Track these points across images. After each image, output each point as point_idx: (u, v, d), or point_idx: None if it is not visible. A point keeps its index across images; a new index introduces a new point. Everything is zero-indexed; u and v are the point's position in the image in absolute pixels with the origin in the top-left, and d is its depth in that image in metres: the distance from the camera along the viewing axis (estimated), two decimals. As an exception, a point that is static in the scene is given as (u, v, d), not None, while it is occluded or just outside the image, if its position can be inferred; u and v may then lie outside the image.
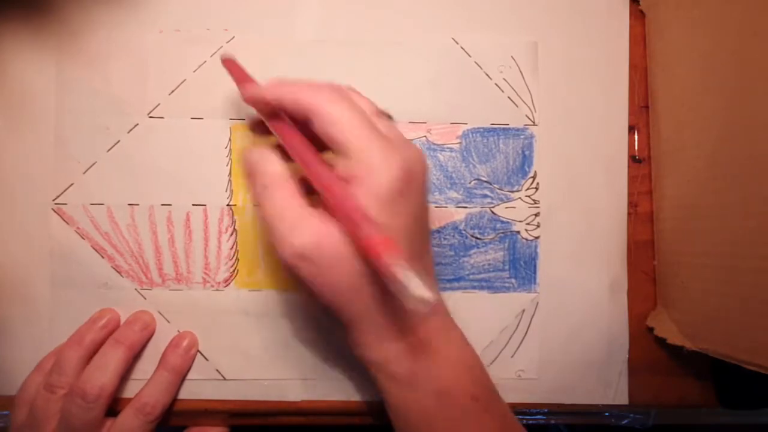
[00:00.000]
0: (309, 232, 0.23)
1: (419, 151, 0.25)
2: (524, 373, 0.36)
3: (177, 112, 0.35)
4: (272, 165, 0.25)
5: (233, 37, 0.36)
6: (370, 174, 0.23)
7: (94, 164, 0.35)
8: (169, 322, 0.35)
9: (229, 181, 0.35)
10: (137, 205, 0.35)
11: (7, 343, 0.35)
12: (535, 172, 0.36)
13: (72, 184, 0.35)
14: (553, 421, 0.36)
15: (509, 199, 0.36)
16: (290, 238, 0.23)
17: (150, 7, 0.36)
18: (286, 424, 0.36)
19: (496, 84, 0.36)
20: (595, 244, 0.36)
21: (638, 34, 0.37)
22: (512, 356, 0.36)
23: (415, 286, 0.19)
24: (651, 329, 0.36)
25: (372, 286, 0.24)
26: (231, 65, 0.31)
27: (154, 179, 0.35)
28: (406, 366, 0.26)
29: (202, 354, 0.35)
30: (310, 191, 0.25)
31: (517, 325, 0.36)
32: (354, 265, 0.23)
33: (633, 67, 0.37)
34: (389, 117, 0.26)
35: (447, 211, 0.36)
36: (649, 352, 0.36)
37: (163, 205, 0.35)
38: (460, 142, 0.36)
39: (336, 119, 0.23)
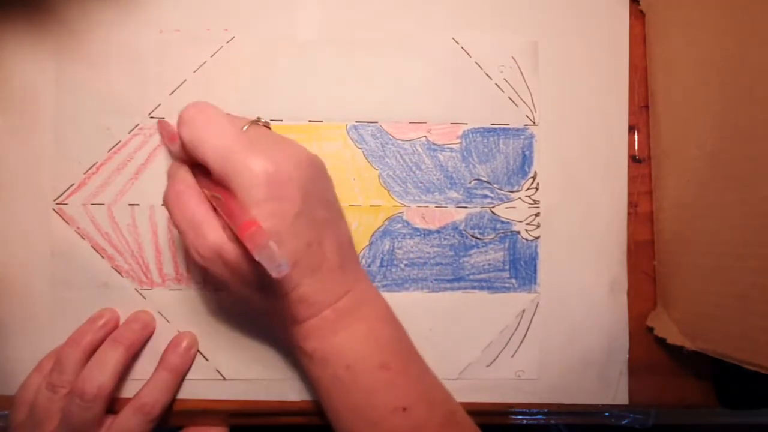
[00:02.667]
0: (212, 235, 0.26)
1: (297, 153, 0.27)
2: (524, 373, 0.36)
3: (177, 112, 0.35)
4: (185, 176, 0.28)
5: (233, 37, 0.36)
6: (236, 186, 0.25)
7: (94, 164, 0.35)
8: (169, 322, 0.35)
9: None
10: (137, 205, 0.35)
11: (7, 343, 0.35)
12: (535, 172, 0.36)
13: (72, 184, 0.35)
14: (553, 421, 0.36)
15: (509, 199, 0.36)
16: (197, 242, 0.26)
17: (150, 7, 0.36)
18: (286, 424, 0.36)
19: (496, 84, 0.36)
20: (595, 244, 0.36)
21: (638, 34, 0.37)
22: (512, 356, 0.36)
23: (272, 252, 0.22)
24: (651, 329, 0.36)
25: (270, 280, 0.26)
26: (163, 126, 0.34)
27: (154, 179, 0.35)
28: (315, 345, 0.28)
29: (202, 354, 0.35)
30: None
31: (517, 325, 0.36)
32: (249, 263, 0.26)
33: (633, 67, 0.37)
34: (266, 125, 0.29)
35: (447, 211, 0.36)
36: (649, 352, 0.36)
37: (163, 205, 0.35)
38: (460, 142, 0.36)
39: (192, 143, 0.26)
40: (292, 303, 0.28)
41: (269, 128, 0.29)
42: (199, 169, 0.28)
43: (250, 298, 0.29)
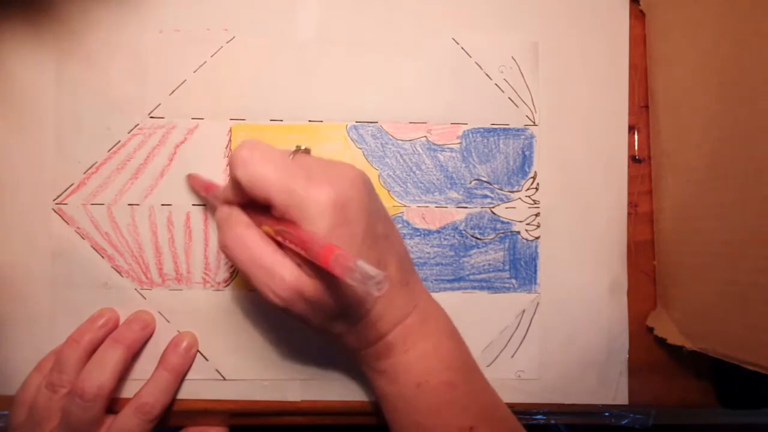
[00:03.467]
0: (289, 275, 0.25)
1: (350, 173, 0.26)
2: (524, 374, 0.36)
3: (177, 112, 0.35)
4: (242, 218, 0.27)
5: (233, 37, 0.36)
6: (302, 217, 0.24)
7: (94, 164, 0.35)
8: (169, 322, 0.35)
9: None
10: (137, 205, 0.35)
11: (7, 343, 0.35)
12: (535, 172, 0.36)
13: (72, 184, 0.35)
14: (553, 421, 0.36)
15: (509, 200, 0.36)
16: (273, 284, 0.25)
17: (150, 7, 0.36)
18: (286, 424, 0.36)
19: (496, 84, 0.36)
20: (595, 244, 0.36)
21: (638, 34, 0.37)
22: (512, 356, 0.36)
23: (365, 272, 0.21)
24: (651, 329, 0.36)
25: (349, 307, 0.27)
26: (194, 180, 0.34)
27: (154, 179, 0.35)
28: (386, 363, 0.29)
29: (202, 354, 0.35)
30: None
31: (517, 325, 0.36)
32: (330, 295, 0.25)
33: (633, 67, 0.37)
34: (307, 151, 0.28)
35: (447, 212, 0.36)
36: (649, 352, 0.36)
37: (163, 205, 0.35)
38: (460, 142, 0.36)
39: (252, 182, 0.25)
40: (368, 325, 0.28)
41: (309, 153, 0.28)
42: (251, 208, 0.27)
43: (326, 331, 0.28)
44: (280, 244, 0.26)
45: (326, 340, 0.35)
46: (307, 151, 0.28)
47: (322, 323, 0.27)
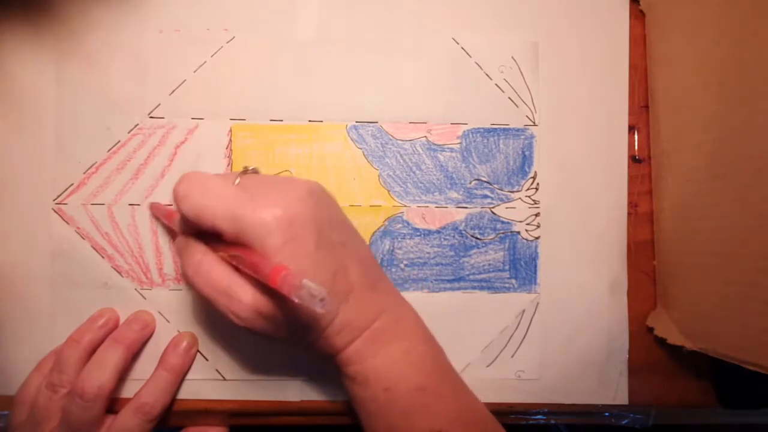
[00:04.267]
0: (246, 296, 0.25)
1: (297, 189, 0.27)
2: (524, 374, 0.36)
3: (177, 112, 0.35)
4: (198, 246, 0.27)
5: (233, 37, 0.36)
6: (251, 240, 0.25)
7: (93, 164, 0.35)
8: (169, 322, 0.35)
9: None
10: (137, 205, 0.35)
11: (7, 343, 0.35)
12: (535, 172, 0.36)
13: (72, 184, 0.35)
14: (553, 421, 0.36)
15: (509, 200, 0.36)
16: (232, 306, 0.26)
17: (150, 7, 0.36)
18: (286, 424, 0.36)
19: (496, 84, 0.36)
20: (595, 244, 0.36)
21: (638, 34, 0.37)
22: (512, 356, 0.36)
23: (310, 290, 0.22)
24: (651, 329, 0.36)
25: (311, 319, 0.27)
26: (156, 209, 0.34)
27: (154, 179, 0.35)
28: (356, 368, 0.29)
29: (202, 354, 0.35)
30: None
31: (517, 325, 0.36)
32: (289, 310, 0.26)
33: (633, 67, 0.37)
34: (255, 171, 0.29)
35: (447, 212, 0.36)
36: (649, 352, 0.36)
37: (164, 205, 0.35)
38: (460, 142, 0.36)
39: (196, 214, 0.26)
40: (333, 334, 0.28)
41: (258, 172, 0.29)
42: (207, 235, 0.27)
43: (293, 344, 0.28)
44: (237, 269, 0.26)
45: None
46: (255, 171, 0.29)
47: (287, 338, 0.28)
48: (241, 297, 0.25)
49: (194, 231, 0.28)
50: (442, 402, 0.29)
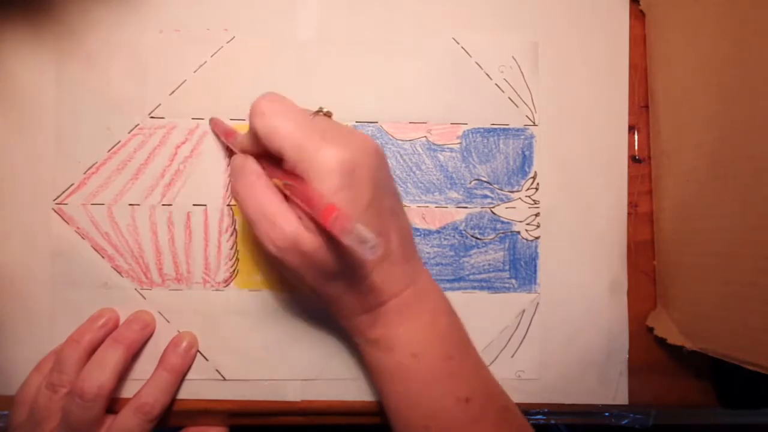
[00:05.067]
0: (289, 226, 0.25)
1: (365, 142, 0.27)
2: (524, 374, 0.36)
3: (177, 113, 0.35)
4: (255, 167, 0.28)
5: (233, 37, 0.36)
6: (310, 175, 0.25)
7: (94, 164, 0.35)
8: (169, 322, 0.35)
9: (229, 181, 0.35)
10: (137, 205, 0.35)
11: (7, 343, 0.35)
12: (535, 172, 0.36)
13: (72, 184, 0.35)
14: (553, 421, 0.36)
15: (509, 200, 0.36)
16: (273, 233, 0.26)
17: (150, 7, 0.36)
18: (285, 424, 0.36)
19: (496, 84, 0.36)
20: (595, 244, 0.36)
21: (638, 34, 0.37)
22: (512, 356, 0.36)
23: (362, 235, 0.22)
24: (651, 329, 0.36)
25: (345, 268, 0.27)
26: (216, 124, 0.35)
27: (154, 179, 0.35)
28: (381, 333, 0.29)
29: (202, 354, 0.35)
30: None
31: (517, 325, 0.36)
32: (326, 252, 0.26)
33: (633, 67, 0.37)
34: (328, 114, 0.29)
35: (447, 212, 0.36)
36: (649, 352, 0.36)
37: (163, 205, 0.35)
38: (460, 142, 0.36)
39: (267, 133, 0.26)
40: (362, 292, 0.28)
41: (331, 116, 0.29)
42: (266, 160, 0.28)
43: (321, 290, 0.28)
44: (287, 198, 0.27)
45: (325, 337, 0.35)
46: (328, 114, 0.28)
47: (317, 281, 0.27)
48: (284, 226, 0.25)
49: (256, 151, 0.28)
50: (468, 372, 0.29)
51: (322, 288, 0.28)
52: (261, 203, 0.26)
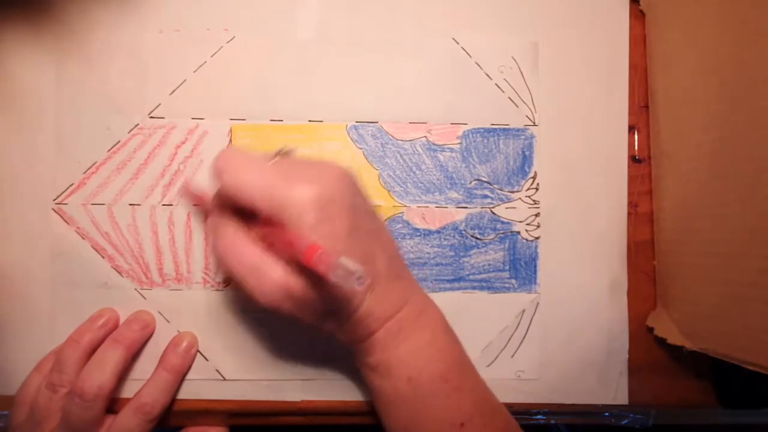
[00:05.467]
0: (275, 274, 0.25)
1: (332, 171, 0.27)
2: (524, 374, 0.36)
3: (177, 112, 0.35)
4: (230, 224, 0.27)
5: (233, 37, 0.36)
6: (285, 218, 0.25)
7: (94, 164, 0.35)
8: (169, 322, 0.35)
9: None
10: (138, 205, 0.35)
11: (7, 343, 0.35)
12: (535, 172, 0.36)
13: (72, 184, 0.35)
14: (553, 421, 0.36)
15: (509, 200, 0.36)
16: (261, 285, 0.25)
17: (150, 7, 0.36)
18: (285, 424, 0.36)
19: (496, 84, 0.36)
20: (595, 244, 0.36)
21: (638, 34, 0.37)
22: (512, 356, 0.36)
23: (347, 268, 0.22)
24: (651, 329, 0.36)
25: (337, 304, 0.27)
26: (186, 193, 0.35)
27: (154, 179, 0.35)
28: (379, 357, 0.29)
29: (202, 354, 0.35)
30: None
31: (517, 325, 0.36)
32: (319, 294, 0.26)
33: (633, 67, 0.37)
34: (289, 153, 0.29)
35: (447, 212, 0.36)
36: (649, 352, 0.36)
37: (164, 205, 0.35)
38: (460, 142, 0.36)
39: (234, 190, 0.26)
40: (358, 321, 0.28)
41: (293, 153, 0.29)
42: (239, 215, 0.28)
43: (319, 327, 0.29)
44: (268, 248, 0.26)
45: (325, 337, 0.35)
46: (289, 153, 0.29)
47: (313, 321, 0.28)
48: (272, 275, 0.25)
49: (228, 209, 0.28)
50: (463, 393, 0.29)
51: (320, 325, 0.28)
52: (244, 258, 0.26)
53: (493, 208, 0.36)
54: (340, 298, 0.27)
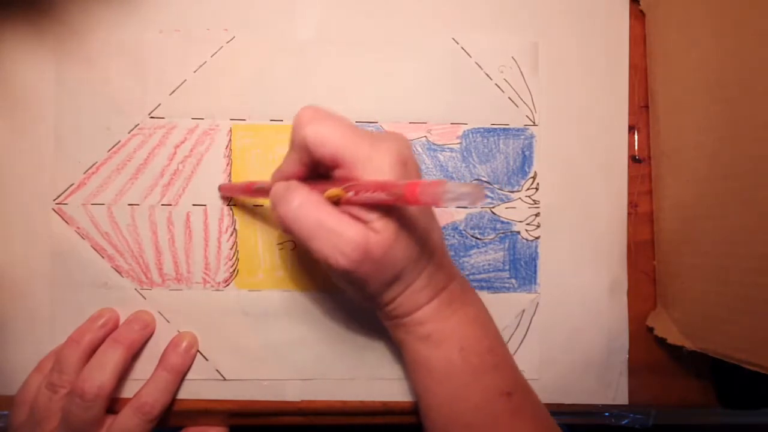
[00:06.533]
0: (356, 232, 0.24)
1: (401, 136, 0.27)
2: (524, 373, 0.35)
3: (177, 112, 0.35)
4: (299, 187, 0.26)
5: (233, 37, 0.36)
6: (371, 171, 0.25)
7: (93, 164, 0.35)
8: (169, 322, 0.35)
9: (229, 181, 0.35)
10: (137, 205, 0.35)
11: (7, 343, 0.35)
12: (535, 172, 0.36)
13: (72, 184, 0.35)
14: (553, 421, 0.36)
15: (509, 200, 0.36)
16: (341, 244, 0.24)
17: (150, 7, 0.36)
18: (285, 424, 0.36)
19: (496, 84, 0.36)
20: (595, 244, 0.36)
21: (638, 34, 0.37)
22: (512, 356, 0.36)
23: (457, 190, 0.21)
24: (651, 329, 0.36)
25: (411, 262, 0.27)
26: (228, 189, 0.35)
27: (154, 179, 0.35)
28: (432, 327, 0.29)
29: (202, 354, 0.35)
30: None
31: (517, 325, 0.36)
32: (394, 251, 0.25)
33: (633, 67, 0.37)
34: None
35: (447, 212, 0.36)
36: (649, 352, 0.36)
37: (163, 205, 0.35)
38: (460, 142, 0.36)
39: (319, 139, 0.25)
40: (417, 289, 0.28)
41: None
42: (308, 182, 0.27)
43: (379, 297, 0.28)
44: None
45: (325, 337, 0.35)
46: None
47: (379, 288, 0.27)
48: (351, 234, 0.24)
49: (297, 173, 0.27)
50: (508, 366, 0.30)
51: (383, 293, 0.27)
52: (319, 218, 0.25)
53: (493, 208, 0.36)
54: (415, 254, 0.27)
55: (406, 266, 0.27)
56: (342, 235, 0.24)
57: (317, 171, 0.27)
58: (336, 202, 0.26)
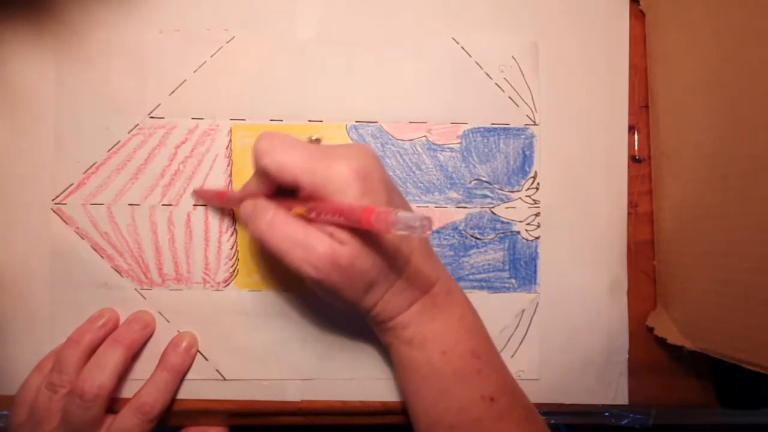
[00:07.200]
0: (323, 244, 0.26)
1: (364, 149, 0.28)
2: (524, 374, 0.36)
3: (177, 112, 0.35)
4: (267, 207, 0.28)
5: (233, 37, 0.36)
6: (331, 191, 0.26)
7: (93, 164, 0.35)
8: (169, 322, 0.35)
9: (230, 181, 0.35)
10: (137, 205, 0.35)
11: (7, 343, 0.35)
12: (536, 172, 0.36)
13: (71, 184, 0.35)
14: (553, 421, 0.36)
15: (509, 199, 0.36)
16: (310, 256, 0.26)
17: (150, 7, 0.36)
18: (285, 424, 0.36)
19: (496, 84, 0.36)
20: (595, 244, 0.36)
21: (638, 34, 0.37)
22: (512, 356, 0.36)
23: (407, 221, 0.22)
24: (651, 329, 0.36)
25: (382, 270, 0.27)
26: (203, 193, 0.35)
27: (154, 179, 0.35)
28: (414, 331, 0.29)
29: (201, 354, 0.35)
30: None
31: (517, 325, 0.36)
32: (362, 261, 0.26)
33: (633, 67, 0.37)
34: (318, 141, 0.31)
35: (447, 212, 0.36)
36: (649, 352, 0.36)
37: (163, 205, 0.35)
38: (460, 142, 0.36)
39: (277, 168, 0.26)
40: (396, 294, 0.29)
41: (321, 142, 0.31)
42: (275, 198, 0.28)
43: (360, 303, 0.28)
44: (308, 222, 0.27)
45: (325, 337, 0.35)
46: (318, 140, 0.30)
47: (356, 295, 0.28)
48: (318, 247, 0.26)
49: (264, 193, 0.29)
50: (492, 370, 0.30)
51: (361, 300, 0.28)
52: (287, 233, 0.26)
53: (493, 207, 0.36)
54: (385, 264, 0.27)
55: (378, 274, 0.27)
56: (309, 248, 0.26)
57: (283, 188, 0.28)
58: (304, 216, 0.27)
